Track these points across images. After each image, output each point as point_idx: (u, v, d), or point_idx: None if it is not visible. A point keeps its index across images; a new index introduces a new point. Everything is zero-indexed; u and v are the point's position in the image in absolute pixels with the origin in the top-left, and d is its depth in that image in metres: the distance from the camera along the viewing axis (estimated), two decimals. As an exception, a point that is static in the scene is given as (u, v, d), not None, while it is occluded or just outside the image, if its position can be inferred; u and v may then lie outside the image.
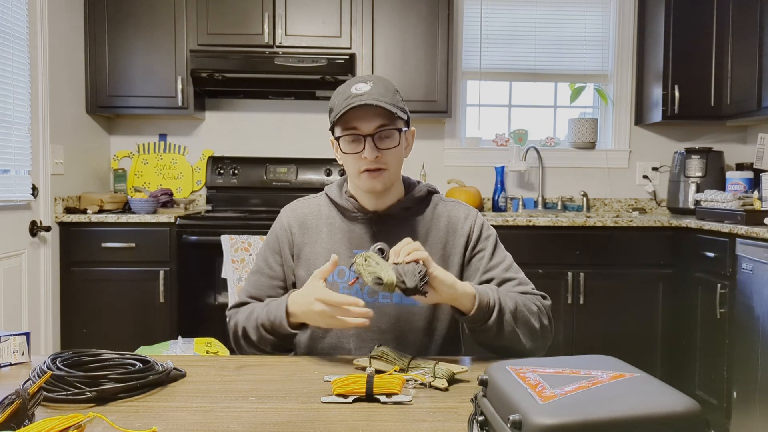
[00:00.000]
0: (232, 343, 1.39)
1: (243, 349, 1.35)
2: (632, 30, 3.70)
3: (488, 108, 3.81)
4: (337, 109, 1.28)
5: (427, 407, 0.99)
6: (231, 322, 1.38)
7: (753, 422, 2.49)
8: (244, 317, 1.34)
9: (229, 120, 3.66)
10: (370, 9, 3.27)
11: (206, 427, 0.90)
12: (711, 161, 3.42)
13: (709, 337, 2.82)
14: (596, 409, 0.66)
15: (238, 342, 1.36)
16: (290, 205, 1.47)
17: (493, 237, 1.41)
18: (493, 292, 1.24)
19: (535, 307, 1.28)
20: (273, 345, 1.30)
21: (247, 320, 1.32)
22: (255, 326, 1.30)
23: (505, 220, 3.02)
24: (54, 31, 2.88)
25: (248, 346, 1.33)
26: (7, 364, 1.17)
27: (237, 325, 1.35)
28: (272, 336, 1.28)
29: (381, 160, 1.29)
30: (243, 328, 1.33)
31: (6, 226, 2.55)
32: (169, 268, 2.97)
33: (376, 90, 1.28)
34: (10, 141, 2.56)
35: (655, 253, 3.06)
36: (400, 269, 1.09)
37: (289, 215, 1.44)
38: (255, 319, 1.30)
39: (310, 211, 1.43)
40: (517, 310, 1.23)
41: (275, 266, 1.41)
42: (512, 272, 1.36)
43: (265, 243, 1.45)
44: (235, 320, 1.36)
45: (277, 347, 1.31)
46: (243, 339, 1.33)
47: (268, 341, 1.29)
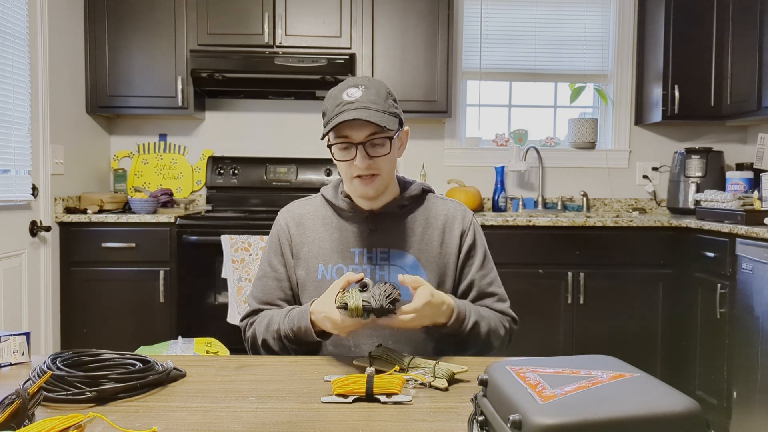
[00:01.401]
0: (249, 351, 1.40)
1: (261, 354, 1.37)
2: (632, 30, 3.70)
3: (488, 108, 3.81)
4: (329, 116, 1.29)
5: (427, 407, 0.99)
6: (248, 332, 1.39)
7: (753, 422, 2.49)
8: (262, 328, 1.34)
9: (229, 120, 3.66)
10: (370, 9, 3.27)
11: (206, 427, 0.90)
12: (711, 161, 3.42)
13: (709, 337, 2.82)
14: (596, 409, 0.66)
15: (257, 351, 1.37)
16: (287, 207, 1.49)
17: (484, 245, 1.45)
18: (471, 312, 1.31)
19: (503, 330, 1.37)
20: (296, 352, 1.31)
21: (266, 331, 1.33)
22: (276, 337, 1.31)
23: (505, 220, 3.02)
24: (54, 31, 2.88)
25: (268, 353, 1.35)
26: (7, 364, 1.17)
27: (256, 337, 1.36)
28: (296, 345, 1.29)
29: (373, 166, 1.30)
30: (263, 340, 1.34)
31: (6, 226, 2.55)
32: (169, 268, 2.97)
33: (367, 96, 1.27)
34: (10, 141, 2.56)
35: (655, 253, 3.06)
36: (370, 293, 1.15)
37: (287, 216, 1.45)
38: (276, 331, 1.31)
39: (306, 211, 1.45)
40: (489, 332, 1.33)
41: (280, 268, 1.42)
42: (495, 287, 1.43)
43: (267, 247, 1.45)
44: (252, 331, 1.37)
45: (301, 353, 1.32)
46: (263, 349, 1.35)
47: (292, 350, 1.31)
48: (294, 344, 1.29)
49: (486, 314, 1.35)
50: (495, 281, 1.43)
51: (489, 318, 1.34)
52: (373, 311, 1.13)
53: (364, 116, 1.24)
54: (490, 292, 1.41)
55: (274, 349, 1.33)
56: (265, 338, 1.33)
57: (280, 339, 1.30)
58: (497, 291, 1.42)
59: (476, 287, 1.40)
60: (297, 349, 1.30)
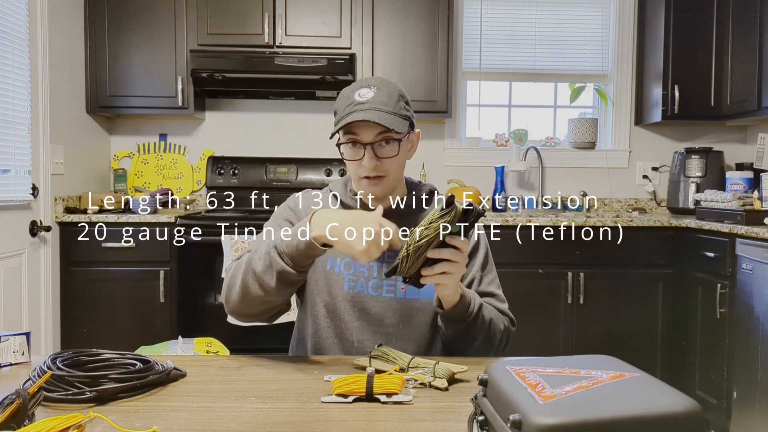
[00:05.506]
0: (223, 296, 1.28)
1: (233, 301, 1.25)
2: (632, 30, 3.70)
3: (488, 108, 3.81)
4: (339, 116, 1.30)
5: (427, 407, 0.99)
6: (229, 272, 1.28)
7: (753, 422, 2.49)
8: (246, 257, 1.23)
9: (229, 120, 3.66)
10: (370, 9, 3.27)
11: (206, 427, 0.90)
12: (711, 161, 3.42)
13: (709, 337, 2.82)
14: (596, 409, 0.66)
15: (231, 288, 1.24)
16: (305, 192, 1.47)
17: (486, 246, 1.45)
18: (476, 297, 1.30)
19: (502, 326, 1.36)
20: (276, 281, 1.18)
21: (251, 256, 1.21)
22: (260, 256, 1.18)
23: (505, 220, 3.02)
24: (54, 31, 2.88)
25: (242, 289, 1.22)
26: (7, 364, 1.16)
27: (237, 269, 1.23)
28: (281, 265, 1.16)
29: (380, 168, 1.30)
30: (246, 265, 1.21)
31: (6, 226, 2.55)
32: (169, 268, 2.97)
33: (378, 98, 1.28)
34: (10, 141, 2.56)
35: (655, 253, 3.06)
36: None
37: (305, 199, 1.44)
38: (260, 252, 1.19)
39: (320, 202, 1.44)
40: (492, 321, 1.31)
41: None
42: (494, 287, 1.42)
43: (275, 215, 1.42)
44: (235, 265, 1.26)
45: (279, 286, 1.18)
46: (241, 282, 1.22)
47: (266, 285, 1.18)
48: (279, 257, 1.16)
49: (488, 306, 1.34)
50: (495, 282, 1.43)
51: (490, 310, 1.34)
52: (474, 214, 1.10)
53: (373, 118, 1.24)
54: (490, 291, 1.41)
55: (250, 288, 1.20)
56: (250, 260, 1.21)
57: (261, 258, 1.17)
58: (497, 292, 1.42)
59: (477, 286, 1.40)
60: (277, 285, 1.17)
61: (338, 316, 1.35)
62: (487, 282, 1.41)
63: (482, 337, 1.30)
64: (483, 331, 1.30)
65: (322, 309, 1.36)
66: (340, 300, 1.34)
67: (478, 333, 1.29)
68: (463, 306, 1.25)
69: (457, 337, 1.30)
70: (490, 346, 1.33)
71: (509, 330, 1.39)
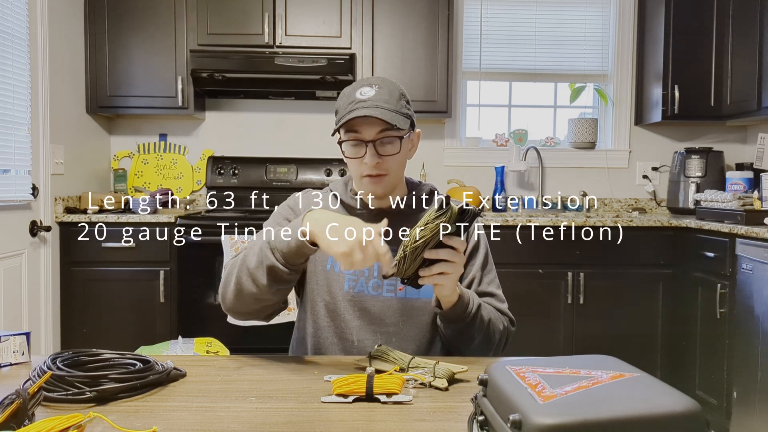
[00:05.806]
0: (219, 294, 1.28)
1: (229, 298, 1.25)
2: (632, 30, 3.70)
3: (488, 108, 3.81)
4: (341, 114, 1.30)
5: (427, 407, 0.98)
6: (226, 269, 1.28)
7: (753, 422, 2.49)
8: (242, 255, 1.24)
9: (229, 120, 3.66)
10: (370, 9, 3.27)
11: (206, 427, 0.90)
12: (711, 161, 3.42)
13: (709, 337, 2.82)
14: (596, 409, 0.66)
15: (227, 285, 1.25)
16: (305, 192, 1.47)
17: (486, 246, 1.45)
18: (474, 297, 1.30)
19: (502, 326, 1.35)
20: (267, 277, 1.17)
21: (247, 252, 1.21)
22: (254, 253, 1.18)
23: (505, 220, 3.02)
24: (54, 31, 2.88)
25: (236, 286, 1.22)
26: (7, 364, 1.16)
27: (233, 266, 1.24)
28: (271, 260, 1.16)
29: (382, 166, 1.30)
30: (241, 262, 1.21)
31: (6, 226, 2.55)
32: (169, 268, 2.97)
33: (380, 96, 1.28)
34: (10, 141, 2.56)
35: (655, 253, 3.06)
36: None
37: (305, 199, 1.44)
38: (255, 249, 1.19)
39: (320, 202, 1.44)
40: (491, 321, 1.31)
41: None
42: (494, 287, 1.42)
43: (274, 214, 1.41)
44: (232, 263, 1.26)
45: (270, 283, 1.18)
46: (236, 279, 1.22)
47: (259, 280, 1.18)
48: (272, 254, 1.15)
49: (487, 306, 1.34)
50: (495, 282, 1.43)
51: (490, 309, 1.34)
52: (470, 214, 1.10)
53: (375, 114, 1.25)
54: (489, 291, 1.41)
55: (242, 277, 1.19)
56: (244, 257, 1.20)
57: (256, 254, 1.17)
58: (497, 292, 1.42)
59: (476, 285, 1.40)
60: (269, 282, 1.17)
61: (338, 316, 1.35)
62: (486, 282, 1.41)
63: (481, 336, 1.30)
64: (482, 331, 1.30)
65: (322, 308, 1.36)
66: (341, 299, 1.34)
67: (476, 333, 1.29)
68: (461, 306, 1.25)
69: (456, 337, 1.30)
70: (489, 345, 1.33)
71: (509, 330, 1.38)
